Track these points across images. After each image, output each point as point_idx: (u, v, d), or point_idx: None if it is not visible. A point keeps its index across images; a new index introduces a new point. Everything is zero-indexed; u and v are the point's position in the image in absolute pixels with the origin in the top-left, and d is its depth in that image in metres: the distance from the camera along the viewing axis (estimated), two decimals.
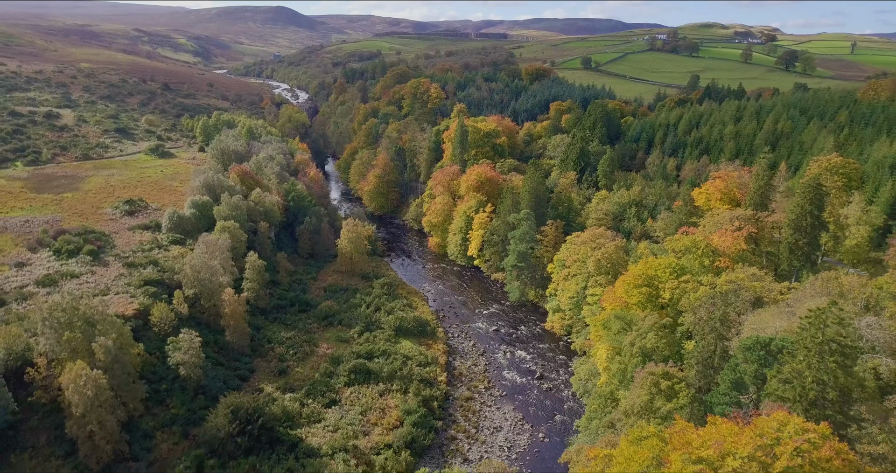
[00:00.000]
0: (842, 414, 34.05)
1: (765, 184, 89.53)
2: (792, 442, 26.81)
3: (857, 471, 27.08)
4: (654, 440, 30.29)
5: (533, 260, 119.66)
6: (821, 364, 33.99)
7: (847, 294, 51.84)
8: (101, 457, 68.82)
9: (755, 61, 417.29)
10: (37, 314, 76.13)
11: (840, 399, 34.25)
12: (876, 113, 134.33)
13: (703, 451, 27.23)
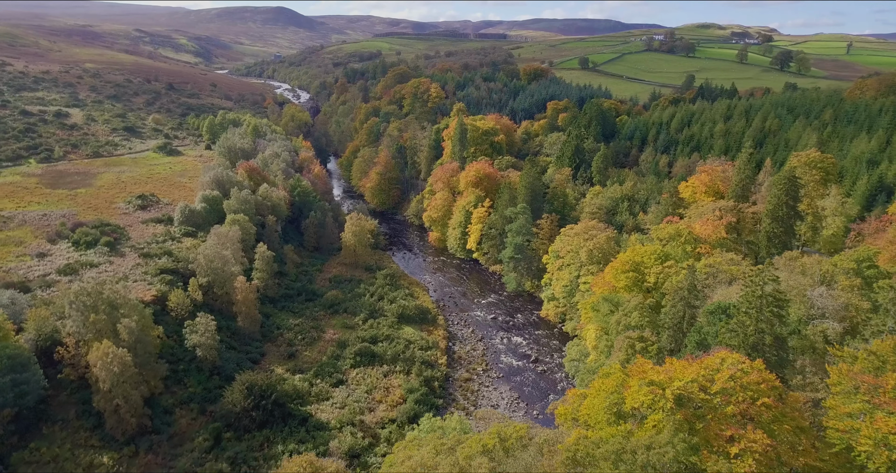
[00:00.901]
0: (776, 357, 39.71)
1: (746, 177, 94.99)
2: (728, 370, 32.24)
3: (779, 394, 32.38)
4: (618, 374, 35.62)
5: (529, 252, 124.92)
6: (759, 315, 39.84)
7: (807, 271, 57.26)
8: (126, 429, 74.07)
9: (751, 61, 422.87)
10: (64, 298, 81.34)
11: (776, 344, 39.96)
12: (859, 111, 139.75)
13: (654, 376, 32.56)
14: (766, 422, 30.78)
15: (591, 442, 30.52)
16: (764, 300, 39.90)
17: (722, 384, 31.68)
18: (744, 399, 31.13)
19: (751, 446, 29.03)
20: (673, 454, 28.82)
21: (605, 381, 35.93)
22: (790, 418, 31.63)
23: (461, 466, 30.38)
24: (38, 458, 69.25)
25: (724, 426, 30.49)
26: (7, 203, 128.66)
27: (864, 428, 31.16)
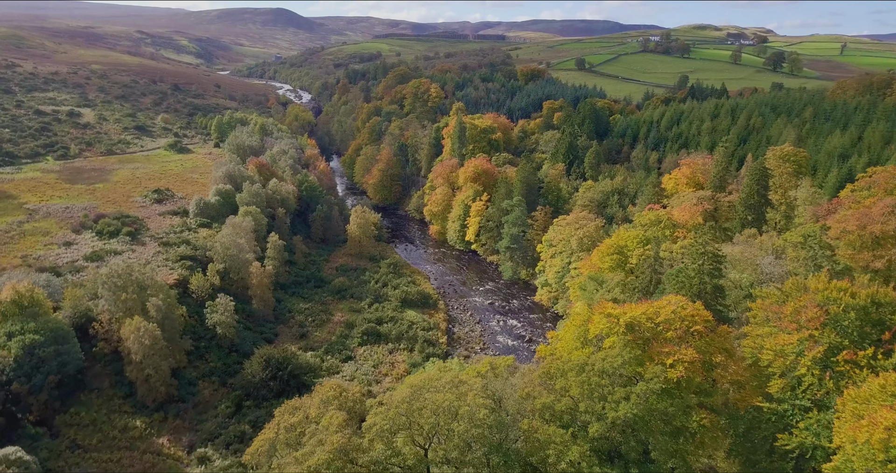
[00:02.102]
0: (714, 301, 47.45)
1: (723, 170, 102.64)
2: (671, 307, 39.86)
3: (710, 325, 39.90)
4: (585, 312, 43.12)
5: (524, 242, 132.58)
6: (701, 268, 47.57)
7: (761, 245, 64.80)
8: (156, 397, 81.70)
9: (744, 62, 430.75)
10: (96, 280, 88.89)
11: (714, 292, 47.74)
12: (836, 109, 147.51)
13: (612, 311, 40.03)
14: (696, 343, 38.43)
15: (562, 361, 38.21)
16: (704, 257, 47.85)
17: (665, 316, 39.35)
18: (681, 326, 38.82)
19: (682, 358, 36.75)
20: (621, 361, 36.44)
21: (575, 318, 43.61)
22: (716, 341, 39.42)
23: (459, 379, 37.95)
24: (78, 421, 76.88)
25: (664, 346, 38.18)
26: (31, 197, 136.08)
27: (768, 343, 39.10)
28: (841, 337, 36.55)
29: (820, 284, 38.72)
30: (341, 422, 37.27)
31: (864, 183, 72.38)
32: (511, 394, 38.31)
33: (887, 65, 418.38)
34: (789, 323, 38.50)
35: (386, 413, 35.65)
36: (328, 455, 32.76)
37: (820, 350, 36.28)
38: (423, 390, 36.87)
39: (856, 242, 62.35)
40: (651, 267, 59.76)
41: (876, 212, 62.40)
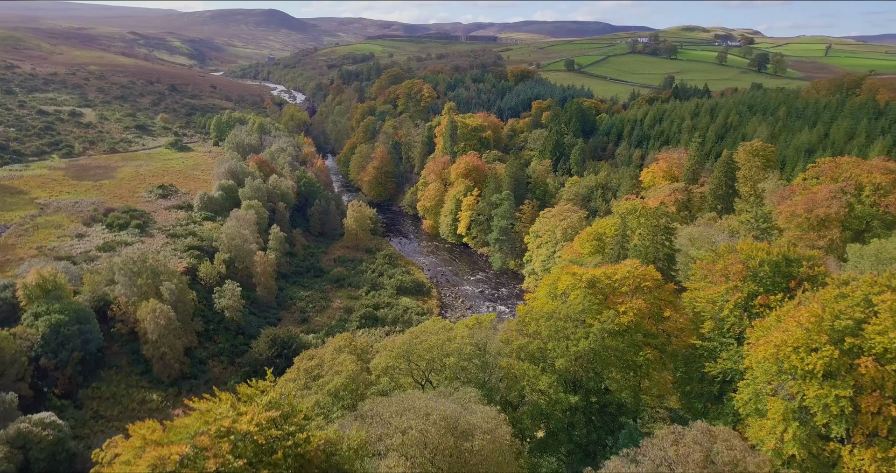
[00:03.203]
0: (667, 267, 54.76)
1: (695, 163, 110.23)
2: (626, 268, 47.12)
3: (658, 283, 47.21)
4: (555, 274, 50.35)
5: (513, 234, 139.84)
6: (655, 237, 55.04)
7: (720, 226, 72.18)
8: (171, 373, 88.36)
9: (730, 63, 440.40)
10: (113, 266, 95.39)
11: (665, 258, 55.10)
12: (808, 108, 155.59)
13: (577, 271, 47.49)
14: (645, 296, 45.69)
15: (534, 311, 45.44)
16: (658, 229, 55.32)
17: (621, 275, 46.59)
18: (633, 283, 46.03)
19: (632, 306, 44.00)
20: (582, 308, 43.63)
21: (547, 279, 50.79)
22: (663, 295, 46.81)
23: (450, 327, 45.08)
24: (99, 394, 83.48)
25: (618, 298, 45.40)
26: (40, 192, 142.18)
27: (702, 294, 46.63)
28: (757, 286, 44.09)
29: (745, 246, 46.14)
30: (353, 361, 44.17)
31: (813, 172, 79.96)
32: (493, 341, 45.40)
33: (869, 65, 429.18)
34: (719, 277, 45.96)
35: (389, 354, 42.55)
36: (344, 379, 39.60)
37: (741, 296, 43.84)
38: (420, 335, 43.97)
39: (804, 224, 69.89)
40: (619, 243, 67.11)
41: (821, 197, 69.94)
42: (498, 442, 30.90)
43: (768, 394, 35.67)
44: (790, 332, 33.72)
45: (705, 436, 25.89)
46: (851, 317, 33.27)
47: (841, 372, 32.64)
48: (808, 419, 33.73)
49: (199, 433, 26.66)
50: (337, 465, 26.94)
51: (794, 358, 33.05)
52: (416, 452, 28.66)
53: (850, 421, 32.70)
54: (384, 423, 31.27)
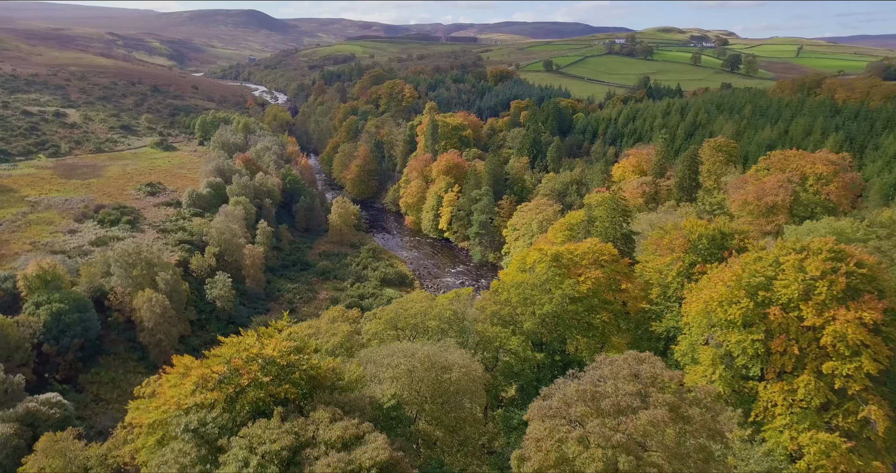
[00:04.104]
0: (624, 246, 61.03)
1: (662, 158, 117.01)
2: (587, 245, 53.18)
3: (615, 257, 53.30)
4: (524, 252, 56.15)
5: (492, 228, 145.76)
6: (613, 219, 61.31)
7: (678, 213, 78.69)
8: (167, 359, 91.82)
9: (704, 64, 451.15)
10: (109, 258, 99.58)
11: (623, 237, 61.32)
12: (771, 106, 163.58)
13: (543, 247, 53.66)
14: (602, 269, 51.78)
15: (505, 282, 51.16)
16: (616, 212, 61.59)
17: (582, 251, 52.62)
18: (592, 257, 52.11)
19: (590, 276, 49.95)
20: (546, 277, 49.50)
21: (518, 255, 56.73)
22: (618, 268, 52.95)
23: (432, 298, 50.70)
24: (98, 379, 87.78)
25: (579, 269, 51.35)
26: (30, 190, 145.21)
27: (650, 265, 52.91)
28: (697, 256, 50.39)
29: (687, 223, 52.39)
30: (347, 326, 49.50)
31: (764, 164, 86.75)
32: (470, 310, 51.00)
33: (838, 66, 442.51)
34: (665, 250, 52.28)
35: (378, 321, 48.03)
36: (340, 339, 44.91)
37: (682, 265, 50.13)
38: (406, 304, 49.48)
39: (754, 211, 76.52)
40: (584, 228, 73.27)
41: (769, 186, 76.62)
42: (471, 375, 36.69)
43: (701, 344, 41.88)
44: (716, 290, 39.86)
45: (634, 359, 31.60)
46: (763, 275, 39.43)
47: (755, 321, 38.82)
48: (731, 362, 39.93)
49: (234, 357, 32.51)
50: (341, 388, 32.54)
51: (719, 311, 39.18)
52: (404, 381, 34.30)
53: (763, 361, 38.88)
54: (378, 364, 36.90)
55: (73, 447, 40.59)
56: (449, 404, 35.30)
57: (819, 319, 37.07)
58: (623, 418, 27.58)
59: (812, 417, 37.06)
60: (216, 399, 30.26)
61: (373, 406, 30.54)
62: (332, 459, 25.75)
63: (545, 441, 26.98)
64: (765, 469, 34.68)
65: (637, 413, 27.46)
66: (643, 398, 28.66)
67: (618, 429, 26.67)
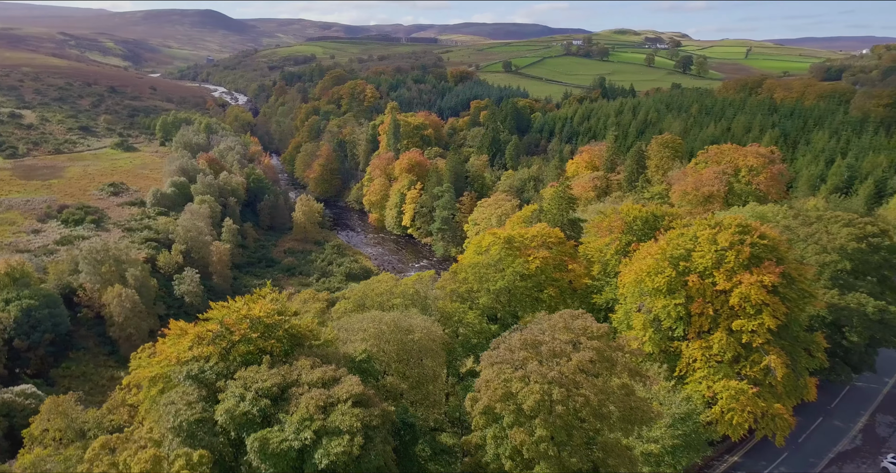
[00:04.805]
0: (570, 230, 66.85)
1: (613, 154, 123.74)
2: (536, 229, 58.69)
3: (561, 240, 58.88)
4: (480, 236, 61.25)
5: (454, 223, 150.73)
6: (560, 205, 66.98)
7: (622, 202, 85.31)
8: None
9: (658, 65, 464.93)
10: (77, 256, 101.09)
11: (570, 224, 67.11)
12: (716, 105, 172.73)
13: (496, 232, 58.49)
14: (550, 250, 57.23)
15: (463, 264, 56.23)
16: (563, 198, 67.35)
17: (531, 234, 58.04)
18: (540, 239, 57.52)
19: (538, 256, 55.33)
20: (499, 257, 54.64)
21: (474, 240, 61.93)
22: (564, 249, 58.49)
23: (396, 279, 55.30)
24: (69, 373, 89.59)
25: (528, 250, 56.69)
26: None
27: (592, 245, 58.82)
28: (632, 236, 56.24)
29: (624, 207, 58.29)
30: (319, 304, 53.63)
31: (702, 157, 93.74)
32: (432, 290, 55.70)
33: (784, 67, 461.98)
34: (605, 232, 58.15)
35: (347, 301, 52.16)
36: (313, 315, 48.97)
37: (619, 244, 56.00)
38: (373, 284, 53.89)
39: (693, 200, 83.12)
40: (536, 217, 78.81)
41: (706, 177, 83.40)
42: (432, 336, 41.38)
43: (634, 312, 47.43)
44: (645, 262, 45.43)
45: (569, 316, 36.72)
46: (684, 248, 45.17)
47: (678, 288, 44.48)
48: (659, 325, 45.54)
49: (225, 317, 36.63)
50: (318, 346, 36.84)
51: (647, 281, 44.74)
52: (373, 342, 38.74)
53: (685, 323, 44.60)
54: (349, 330, 41.26)
55: (74, 409, 43.80)
56: (413, 361, 39.94)
57: (728, 283, 42.97)
58: (558, 360, 32.63)
59: (725, 369, 42.91)
60: (211, 353, 34.44)
61: (346, 360, 34.93)
62: (314, 393, 30.20)
63: (493, 381, 31.82)
64: (684, 411, 40.39)
65: (569, 356, 32.51)
66: (575, 345, 33.80)
67: (553, 369, 31.65)
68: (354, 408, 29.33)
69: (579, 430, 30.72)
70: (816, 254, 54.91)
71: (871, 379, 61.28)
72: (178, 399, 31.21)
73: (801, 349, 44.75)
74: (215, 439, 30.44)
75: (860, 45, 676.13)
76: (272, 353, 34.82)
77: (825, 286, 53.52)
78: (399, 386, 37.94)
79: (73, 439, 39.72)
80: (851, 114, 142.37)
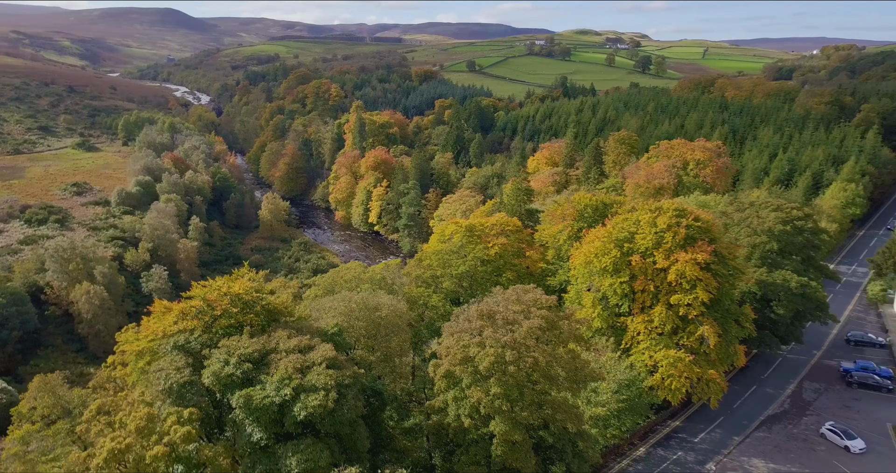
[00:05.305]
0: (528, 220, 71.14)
1: (572, 150, 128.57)
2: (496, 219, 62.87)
3: (518, 228, 62.97)
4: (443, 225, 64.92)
5: (420, 220, 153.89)
6: (518, 197, 71.16)
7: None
8: (106, 349, 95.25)
9: (618, 65, 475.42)
10: (44, 254, 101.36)
11: (527, 213, 71.30)
12: (671, 103, 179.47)
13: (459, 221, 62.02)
14: (508, 237, 61.18)
15: (427, 251, 59.76)
16: (521, 190, 71.67)
17: (491, 223, 61.94)
18: (500, 228, 61.44)
19: (497, 242, 59.17)
20: (461, 244, 58.33)
21: (438, 229, 65.44)
22: (522, 236, 62.56)
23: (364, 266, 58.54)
24: (38, 370, 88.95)
25: (488, 238, 60.53)
26: None
27: (547, 232, 63.03)
28: (583, 223, 60.56)
29: (577, 197, 62.63)
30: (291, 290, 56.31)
31: (654, 152, 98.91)
32: (399, 276, 58.99)
33: (739, 67, 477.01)
34: (559, 219, 62.46)
35: (318, 288, 55.01)
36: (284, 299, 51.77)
37: (571, 230, 60.28)
38: (342, 271, 56.90)
39: (645, 192, 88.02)
40: (497, 208, 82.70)
41: (657, 170, 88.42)
42: (398, 312, 44.62)
43: (584, 291, 51.49)
44: (593, 245, 49.53)
45: (521, 290, 40.50)
46: (628, 231, 49.39)
47: (622, 267, 48.63)
48: (606, 302, 49.65)
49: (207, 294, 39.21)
50: (293, 322, 39.74)
51: (595, 261, 48.80)
52: (343, 318, 41.77)
53: (629, 299, 48.78)
54: (320, 310, 44.20)
55: (61, 387, 45.73)
56: (381, 336, 43.10)
57: (667, 262, 47.20)
58: (511, 327, 36.21)
59: (665, 340, 47.15)
60: (195, 327, 37.04)
61: (319, 334, 37.86)
62: (292, 358, 33.21)
63: (453, 348, 35.19)
64: (628, 378, 44.45)
65: (521, 324, 36.11)
66: (526, 314, 37.43)
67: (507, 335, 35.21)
68: (329, 370, 32.48)
69: (530, 390, 34.33)
70: (748, 236, 60.07)
71: (801, 351, 66.82)
72: (166, 365, 33.80)
73: (731, 320, 49.40)
74: (202, 399, 33.29)
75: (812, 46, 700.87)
76: (252, 326, 37.71)
77: (755, 264, 58.53)
78: (368, 358, 41.12)
79: (60, 416, 41.75)
80: (795, 112, 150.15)
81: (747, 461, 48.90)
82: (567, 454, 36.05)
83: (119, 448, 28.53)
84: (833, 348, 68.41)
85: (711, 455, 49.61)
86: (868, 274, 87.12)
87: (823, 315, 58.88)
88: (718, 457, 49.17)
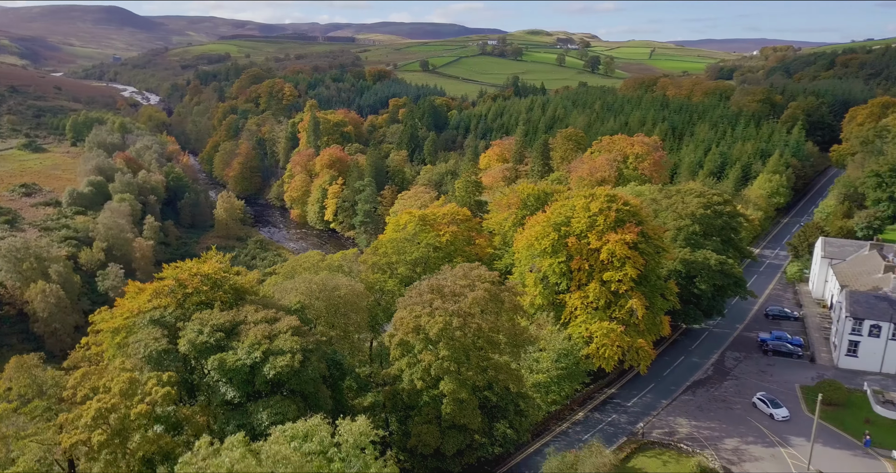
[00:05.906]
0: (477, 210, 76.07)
1: (521, 147, 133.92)
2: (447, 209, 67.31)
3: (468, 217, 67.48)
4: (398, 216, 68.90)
5: (376, 216, 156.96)
6: (468, 189, 75.82)
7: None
8: (63, 347, 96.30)
9: (568, 65, 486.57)
10: None
11: (476, 204, 76.45)
12: (617, 102, 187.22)
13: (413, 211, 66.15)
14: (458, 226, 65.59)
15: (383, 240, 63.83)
16: (470, 182, 76.71)
17: (443, 212, 66.20)
18: (451, 217, 65.76)
19: (448, 230, 63.52)
20: (415, 232, 62.36)
21: (393, 219, 69.58)
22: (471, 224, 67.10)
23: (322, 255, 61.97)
24: None
25: (440, 226, 64.76)
26: None
27: (493, 219, 67.92)
28: (526, 210, 65.51)
29: (520, 187, 67.51)
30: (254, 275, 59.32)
31: (597, 147, 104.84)
32: (356, 264, 62.53)
33: (683, 67, 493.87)
34: (504, 208, 67.27)
35: (278, 275, 58.04)
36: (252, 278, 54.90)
37: (515, 218, 65.11)
38: (301, 260, 60.11)
39: (588, 184, 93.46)
40: (449, 201, 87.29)
41: (599, 164, 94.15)
42: (355, 292, 48.24)
43: (527, 272, 56.12)
44: (534, 229, 54.24)
45: (468, 266, 44.84)
46: (564, 215, 54.30)
47: (560, 249, 53.48)
48: (547, 282, 54.37)
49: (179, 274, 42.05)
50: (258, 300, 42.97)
51: (536, 244, 53.48)
52: (304, 297, 45.18)
53: (567, 278, 53.63)
54: (282, 291, 47.50)
55: (38, 367, 47.62)
56: (340, 313, 46.66)
57: (599, 242, 52.23)
58: (457, 298, 40.35)
59: (599, 314, 52.22)
60: (169, 303, 39.94)
61: (284, 309, 41.18)
62: (260, 327, 36.64)
63: (406, 318, 39.08)
64: (566, 348, 49.20)
65: (467, 295, 40.29)
66: (471, 288, 41.66)
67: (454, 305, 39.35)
68: (294, 336, 36.02)
69: (475, 354, 38.50)
70: (674, 220, 65.95)
71: (726, 325, 73.68)
72: (144, 336, 36.69)
73: (657, 294, 54.87)
74: (178, 365, 36.35)
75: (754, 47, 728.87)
76: (222, 302, 40.80)
77: (681, 245, 64.35)
78: (328, 333, 44.58)
79: (36, 395, 43.73)
80: (730, 109, 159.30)
81: (673, 420, 54.45)
82: (510, 412, 40.42)
83: (105, 407, 31.35)
84: (754, 322, 75.29)
85: (642, 417, 54.95)
86: (789, 257, 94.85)
87: (741, 290, 65.41)
88: (648, 418, 54.53)
